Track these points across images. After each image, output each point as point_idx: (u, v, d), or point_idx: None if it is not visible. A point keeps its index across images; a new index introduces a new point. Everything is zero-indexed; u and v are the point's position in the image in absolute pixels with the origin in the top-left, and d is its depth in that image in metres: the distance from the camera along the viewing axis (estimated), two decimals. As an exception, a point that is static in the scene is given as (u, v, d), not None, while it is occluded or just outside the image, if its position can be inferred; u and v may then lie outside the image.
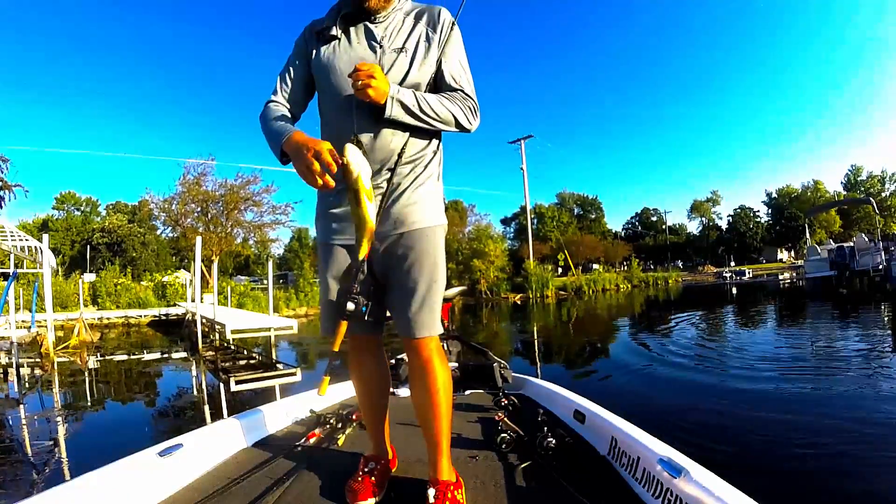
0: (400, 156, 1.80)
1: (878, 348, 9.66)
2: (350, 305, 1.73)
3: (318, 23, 1.93)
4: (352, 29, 1.85)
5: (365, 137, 1.76)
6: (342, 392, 3.48)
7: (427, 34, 1.85)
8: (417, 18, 1.87)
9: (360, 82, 1.60)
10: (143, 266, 54.99)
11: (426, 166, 1.89)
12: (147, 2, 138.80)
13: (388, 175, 1.80)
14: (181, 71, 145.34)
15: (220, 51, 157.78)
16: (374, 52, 1.80)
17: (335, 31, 1.85)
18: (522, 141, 49.31)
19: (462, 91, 1.87)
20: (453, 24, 1.90)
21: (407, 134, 1.81)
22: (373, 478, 1.94)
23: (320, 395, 1.87)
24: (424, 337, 1.83)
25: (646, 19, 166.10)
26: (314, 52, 1.89)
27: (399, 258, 1.83)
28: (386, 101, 1.67)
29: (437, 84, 1.86)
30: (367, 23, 1.85)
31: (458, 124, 1.84)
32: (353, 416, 2.84)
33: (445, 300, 4.08)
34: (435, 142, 1.94)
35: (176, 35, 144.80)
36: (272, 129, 1.80)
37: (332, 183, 1.59)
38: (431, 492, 1.78)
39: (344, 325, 1.78)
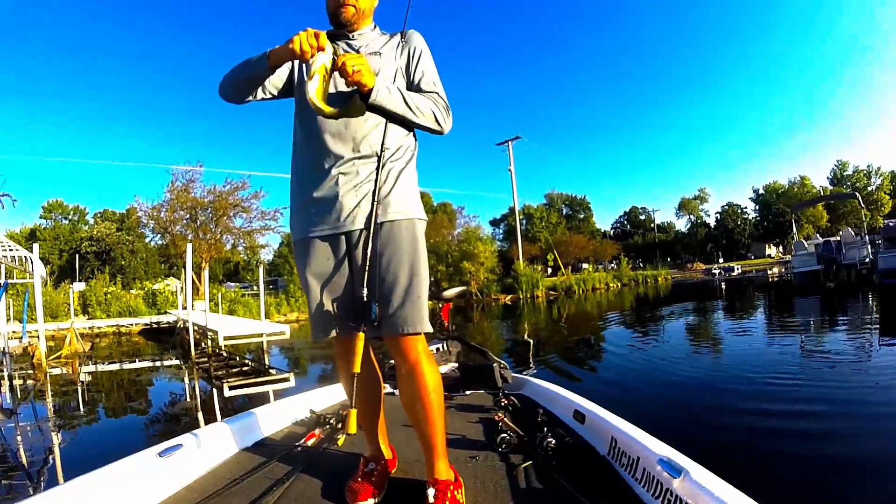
0: (382, 147, 1.86)
1: (870, 340, 9.76)
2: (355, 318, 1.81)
3: None
4: (336, 45, 1.91)
5: (348, 129, 1.85)
6: (342, 392, 3.47)
7: (399, 44, 2.01)
8: (390, 36, 2.05)
9: (353, 67, 1.67)
10: (133, 274, 54.56)
11: (406, 161, 1.96)
12: (134, 8, 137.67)
13: (373, 165, 1.86)
14: (168, 77, 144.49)
15: (207, 57, 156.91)
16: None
17: None
18: (510, 142, 49.38)
19: (437, 94, 1.99)
20: (420, 40, 2.04)
21: (386, 126, 1.88)
22: (372, 478, 1.95)
23: (350, 432, 1.80)
24: (409, 335, 1.81)
25: (634, 19, 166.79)
26: (298, 67, 2.03)
27: (383, 251, 1.84)
28: (371, 88, 1.74)
29: (412, 87, 1.99)
30: (347, 40, 2.01)
31: (435, 120, 1.93)
32: None
33: (446, 300, 4.12)
34: (411, 137, 2.03)
35: (163, 41, 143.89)
36: (247, 59, 1.88)
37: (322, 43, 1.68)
38: (431, 492, 1.78)
39: (361, 340, 1.80)
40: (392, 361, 3.93)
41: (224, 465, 2.30)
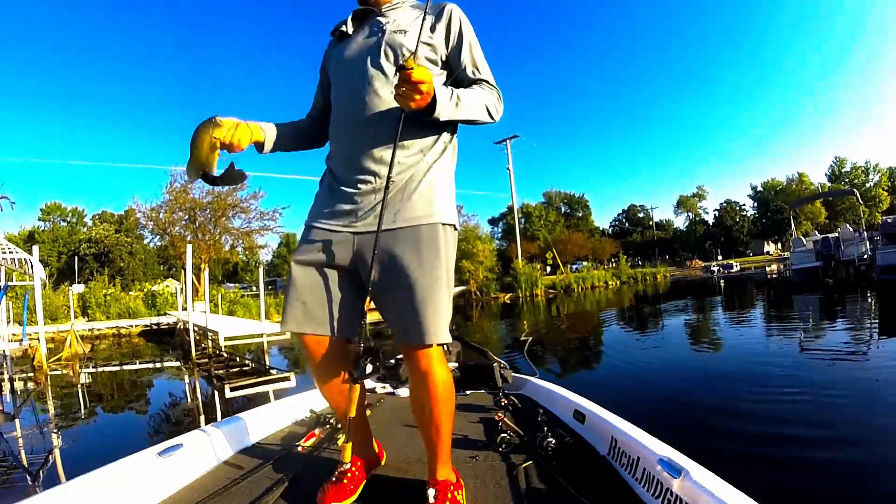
0: (399, 143, 1.71)
1: (869, 337, 9.78)
2: (369, 367, 1.72)
3: (337, 26, 1.97)
4: (363, 24, 1.89)
5: (362, 124, 1.74)
6: None
7: (431, 21, 1.80)
8: (423, 9, 1.79)
9: (403, 91, 1.51)
10: (132, 276, 54.65)
11: (436, 157, 1.80)
12: (132, 8, 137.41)
13: (388, 163, 1.71)
14: (166, 77, 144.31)
15: (206, 57, 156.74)
16: (376, 36, 1.79)
17: (346, 27, 1.90)
18: (508, 141, 49.36)
19: (486, 82, 1.84)
20: (461, 15, 1.85)
21: (425, 127, 1.75)
22: (343, 480, 1.87)
23: (344, 461, 1.83)
24: (426, 345, 1.69)
25: (631, 17, 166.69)
26: (330, 53, 1.96)
27: (400, 255, 1.71)
28: (434, 105, 1.59)
29: (458, 77, 1.83)
30: (376, 16, 1.86)
31: (488, 114, 1.79)
32: None
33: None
34: (446, 134, 1.85)
35: (162, 42, 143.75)
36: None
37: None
38: (431, 492, 1.74)
39: (357, 392, 1.79)
40: (392, 361, 3.94)
41: (224, 465, 2.30)
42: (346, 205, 1.78)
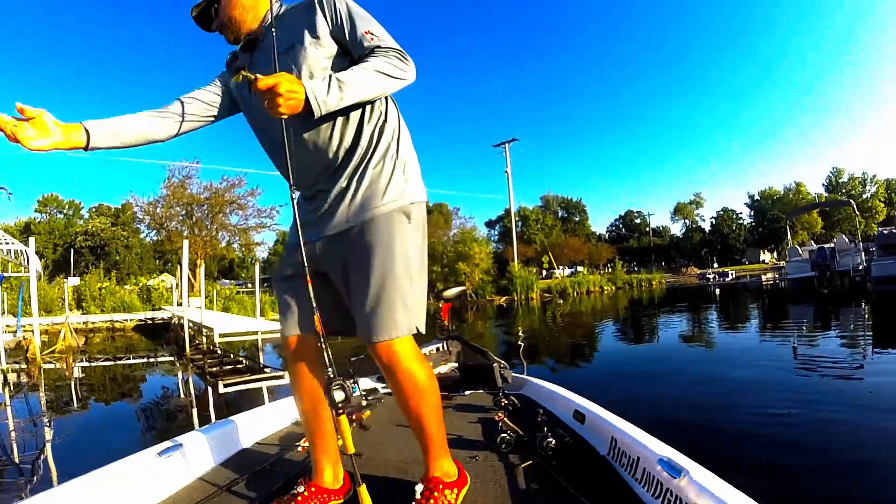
0: (343, 150, 1.71)
1: (863, 346, 9.83)
2: (339, 395, 1.50)
3: (230, 57, 1.94)
4: (255, 51, 1.83)
5: (302, 144, 1.71)
6: None
7: (309, 20, 1.71)
8: (294, 13, 1.76)
9: (266, 103, 1.46)
10: (127, 270, 54.48)
11: (372, 149, 1.74)
12: (131, 0, 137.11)
13: (332, 172, 1.73)
14: (165, 71, 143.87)
15: (204, 51, 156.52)
16: (269, 65, 1.63)
17: (239, 61, 1.87)
18: (507, 144, 49.34)
19: (379, 47, 1.66)
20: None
21: (341, 123, 1.70)
22: (293, 503, 1.78)
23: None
24: (382, 341, 1.66)
25: (631, 22, 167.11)
26: (232, 83, 1.88)
27: (352, 255, 1.71)
28: (308, 102, 1.50)
29: (359, 53, 1.68)
30: (260, 41, 1.80)
31: (392, 80, 1.62)
32: (354, 416, 2.85)
33: (446, 300, 4.13)
34: (376, 119, 1.76)
35: (161, 34, 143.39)
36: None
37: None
38: (419, 487, 1.75)
39: (342, 422, 1.56)
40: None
41: (224, 465, 2.30)
42: (304, 216, 1.80)
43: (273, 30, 1.65)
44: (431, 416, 1.77)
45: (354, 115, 1.72)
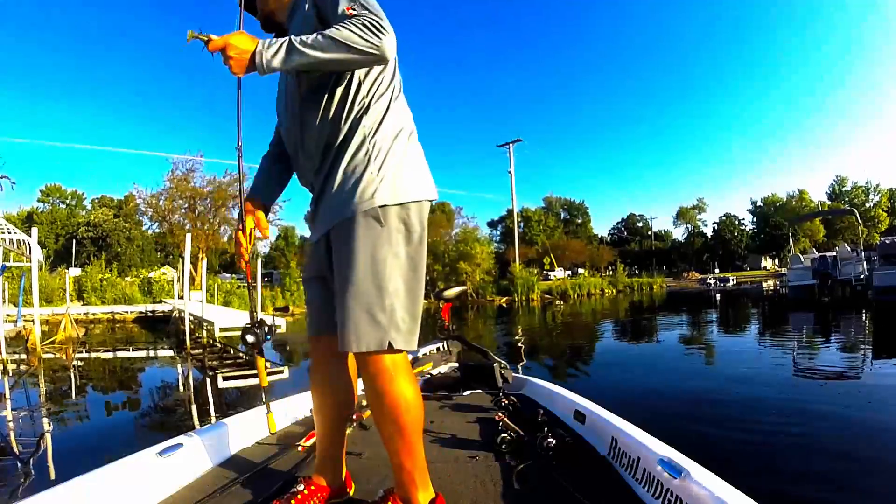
0: (321, 149, 1.68)
1: (863, 356, 9.82)
2: (251, 338, 1.88)
3: None
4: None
5: (302, 143, 1.74)
6: None
7: (307, 8, 1.67)
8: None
9: (224, 63, 1.52)
10: (129, 261, 54.54)
11: (347, 147, 1.63)
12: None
13: (315, 171, 1.72)
14: (171, 65, 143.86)
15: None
16: None
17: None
18: (511, 145, 49.32)
19: (355, 16, 1.49)
20: None
21: (322, 118, 1.65)
22: (292, 501, 1.74)
23: (271, 432, 2.01)
24: (358, 352, 1.56)
25: (636, 24, 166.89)
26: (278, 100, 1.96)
27: (335, 256, 1.64)
28: (254, 60, 1.48)
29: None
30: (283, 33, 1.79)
31: (355, 51, 1.45)
32: (354, 416, 2.85)
33: (446, 300, 4.13)
34: (355, 113, 1.65)
35: (166, 28, 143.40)
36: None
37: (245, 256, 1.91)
38: (380, 493, 1.71)
39: (260, 362, 1.97)
40: None
41: (224, 465, 2.29)
42: (310, 214, 1.83)
43: (291, 16, 1.75)
44: (401, 442, 1.60)
45: (337, 109, 1.65)
